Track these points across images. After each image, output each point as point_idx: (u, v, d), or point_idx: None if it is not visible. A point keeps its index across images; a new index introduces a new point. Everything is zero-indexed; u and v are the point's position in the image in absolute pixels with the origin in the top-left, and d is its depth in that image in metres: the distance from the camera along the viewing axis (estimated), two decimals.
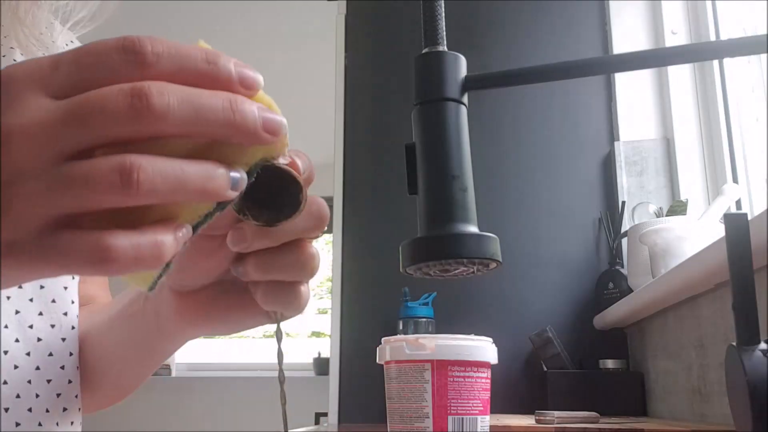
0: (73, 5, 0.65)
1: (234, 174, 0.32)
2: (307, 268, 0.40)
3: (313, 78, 3.49)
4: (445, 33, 0.48)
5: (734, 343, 0.50)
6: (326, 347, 3.32)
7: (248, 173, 0.34)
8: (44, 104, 0.29)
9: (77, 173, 0.28)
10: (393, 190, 1.72)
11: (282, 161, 0.36)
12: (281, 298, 0.41)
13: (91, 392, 0.63)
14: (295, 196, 0.37)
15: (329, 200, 1.62)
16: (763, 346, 0.49)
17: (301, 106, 3.84)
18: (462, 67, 0.48)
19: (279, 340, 0.44)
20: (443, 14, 0.48)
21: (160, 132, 0.29)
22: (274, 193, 0.37)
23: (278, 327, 0.44)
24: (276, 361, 0.44)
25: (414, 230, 0.46)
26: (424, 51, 0.48)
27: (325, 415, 1.71)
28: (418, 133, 0.47)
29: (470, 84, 0.47)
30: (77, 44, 0.74)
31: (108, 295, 0.70)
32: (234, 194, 0.32)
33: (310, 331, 4.35)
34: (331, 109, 1.83)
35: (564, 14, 1.79)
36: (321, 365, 4.01)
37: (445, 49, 0.48)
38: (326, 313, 4.19)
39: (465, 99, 0.47)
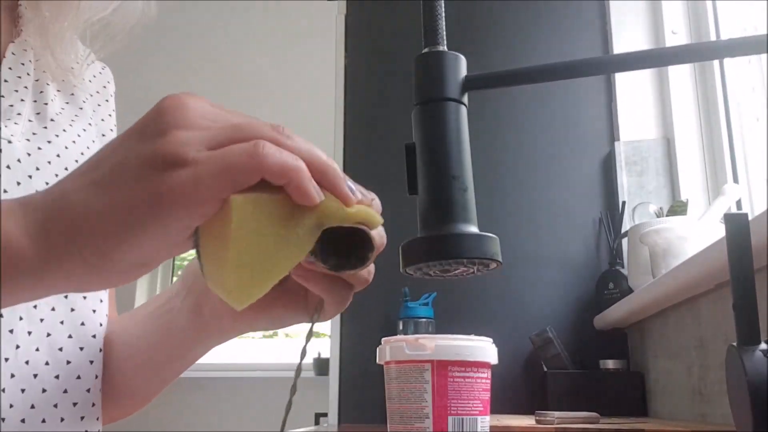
0: (108, 22, 0.66)
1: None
2: (362, 283, 0.44)
3: (313, 78, 3.49)
4: (445, 33, 0.48)
5: (735, 343, 0.50)
6: (326, 347, 3.31)
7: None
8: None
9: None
10: (393, 190, 1.71)
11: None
12: (337, 292, 0.43)
13: (114, 399, 0.63)
14: (365, 254, 0.40)
15: None
16: (763, 346, 0.48)
17: (301, 106, 3.84)
18: (462, 67, 0.47)
19: (308, 339, 0.45)
20: (443, 14, 0.48)
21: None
22: (346, 242, 0.39)
23: (311, 327, 0.45)
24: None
25: (414, 230, 0.46)
26: (424, 51, 0.48)
27: (325, 415, 1.71)
28: (418, 133, 0.47)
29: (470, 84, 0.47)
30: (106, 74, 0.75)
31: (116, 314, 0.70)
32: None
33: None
34: (331, 109, 1.83)
35: (564, 14, 1.79)
36: (321, 365, 4.01)
37: (445, 49, 0.48)
38: None
39: (465, 99, 0.47)
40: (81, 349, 0.59)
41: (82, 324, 0.60)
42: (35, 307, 0.56)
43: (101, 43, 0.68)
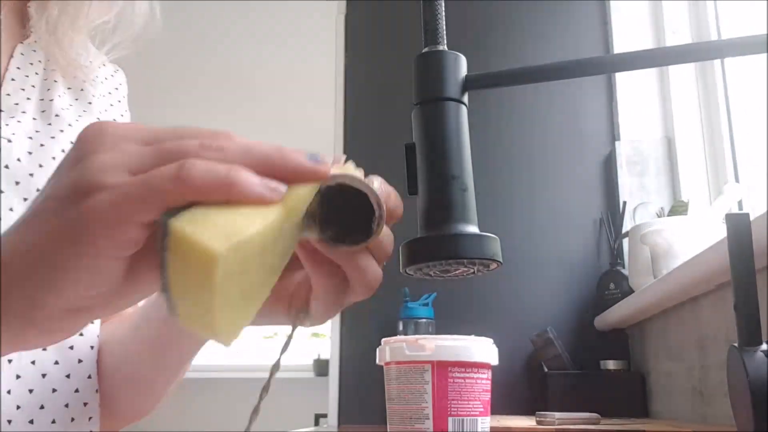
0: (114, 27, 0.66)
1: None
2: (369, 291, 0.40)
3: (313, 78, 3.49)
4: (445, 33, 0.48)
5: (736, 344, 0.49)
6: (326, 348, 3.32)
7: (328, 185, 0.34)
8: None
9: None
10: None
11: (372, 184, 0.35)
12: (330, 300, 0.40)
13: (112, 413, 0.62)
14: (369, 224, 0.36)
15: None
16: (764, 346, 0.48)
17: (301, 106, 3.83)
18: (462, 66, 0.47)
19: (284, 349, 0.42)
20: (443, 14, 0.48)
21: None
22: (350, 213, 0.36)
23: (290, 336, 0.42)
24: (283, 361, 0.43)
25: (414, 230, 0.45)
26: (424, 51, 0.48)
27: (325, 416, 1.71)
28: (418, 133, 0.47)
29: (470, 84, 0.47)
30: (119, 76, 0.75)
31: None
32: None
33: (310, 332, 4.35)
34: (331, 109, 1.83)
35: (564, 14, 1.79)
36: (320, 366, 4.02)
37: (445, 48, 0.47)
38: None
39: (465, 99, 0.47)
40: (67, 377, 0.58)
41: (71, 348, 0.59)
42: None
43: (107, 49, 0.68)
